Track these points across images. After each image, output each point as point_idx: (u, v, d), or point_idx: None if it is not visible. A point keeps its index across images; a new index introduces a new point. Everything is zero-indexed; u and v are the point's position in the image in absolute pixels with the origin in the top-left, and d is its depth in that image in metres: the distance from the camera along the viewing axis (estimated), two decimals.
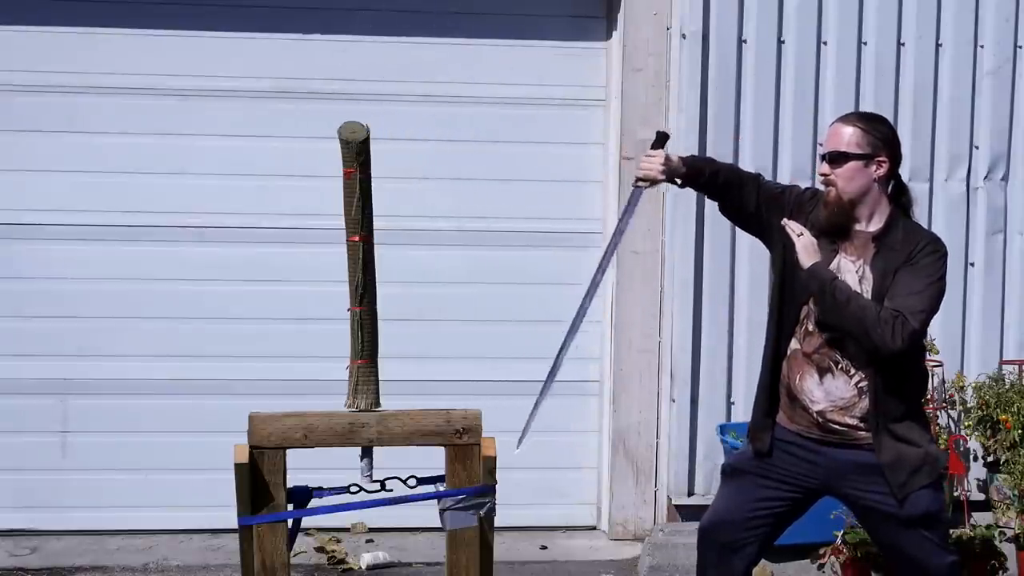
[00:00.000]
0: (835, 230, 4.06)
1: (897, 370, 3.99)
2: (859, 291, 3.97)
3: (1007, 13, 6.37)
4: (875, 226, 4.06)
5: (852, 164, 4.02)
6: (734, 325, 6.20)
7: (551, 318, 6.33)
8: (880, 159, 4.05)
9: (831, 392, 4.02)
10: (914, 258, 4.01)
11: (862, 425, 4.00)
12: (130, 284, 6.17)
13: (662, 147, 4.21)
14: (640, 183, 4.21)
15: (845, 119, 4.13)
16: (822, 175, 4.10)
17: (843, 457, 4.04)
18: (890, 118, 6.24)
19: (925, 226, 6.30)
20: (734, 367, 6.19)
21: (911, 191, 4.23)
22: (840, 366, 4.02)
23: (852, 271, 4.02)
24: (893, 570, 4.27)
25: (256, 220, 6.22)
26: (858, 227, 4.07)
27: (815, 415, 4.04)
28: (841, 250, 4.06)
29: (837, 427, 4.03)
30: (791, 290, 4.09)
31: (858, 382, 4.00)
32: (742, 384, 6.16)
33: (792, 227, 4.02)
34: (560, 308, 6.32)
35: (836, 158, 4.04)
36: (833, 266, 4.01)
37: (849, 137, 4.04)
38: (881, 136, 4.07)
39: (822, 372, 4.04)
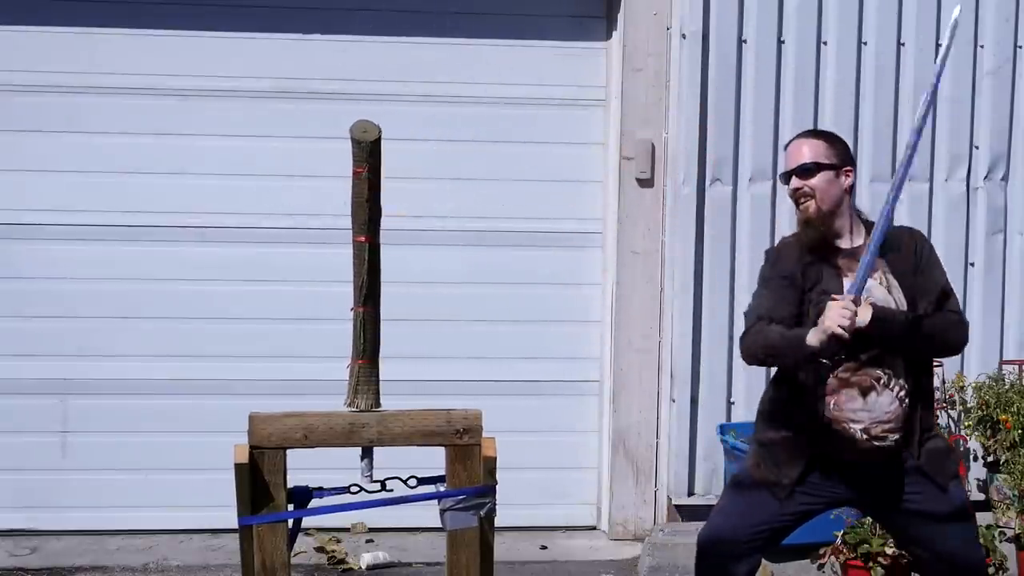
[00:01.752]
0: (816, 247, 4.05)
1: (927, 370, 4.08)
2: (891, 300, 3.97)
3: (1007, 13, 6.37)
4: (862, 236, 4.07)
5: (824, 174, 4.04)
6: (734, 325, 6.20)
7: (551, 318, 6.36)
8: (847, 169, 4.09)
9: (875, 409, 3.97)
10: (922, 257, 4.06)
11: (903, 434, 3.99)
12: (130, 284, 6.17)
13: None
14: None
15: (806, 136, 4.18)
16: (795, 190, 4.06)
17: (877, 472, 4.02)
18: (889, 118, 6.33)
19: (924, 227, 6.37)
20: (734, 367, 6.18)
21: None
22: (882, 381, 3.98)
23: (876, 285, 3.99)
24: (934, 572, 4.23)
25: (256, 220, 6.22)
26: (842, 243, 4.06)
27: (859, 435, 3.97)
28: (847, 271, 4.00)
29: (878, 443, 3.98)
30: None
31: (898, 392, 3.99)
32: (742, 384, 6.16)
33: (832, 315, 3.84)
34: (560, 308, 6.35)
35: (808, 169, 4.04)
36: (848, 289, 3.91)
37: (816, 149, 4.07)
38: (844, 148, 4.13)
39: (865, 391, 3.98)
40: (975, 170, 6.41)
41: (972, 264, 6.42)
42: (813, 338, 3.80)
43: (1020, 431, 5.99)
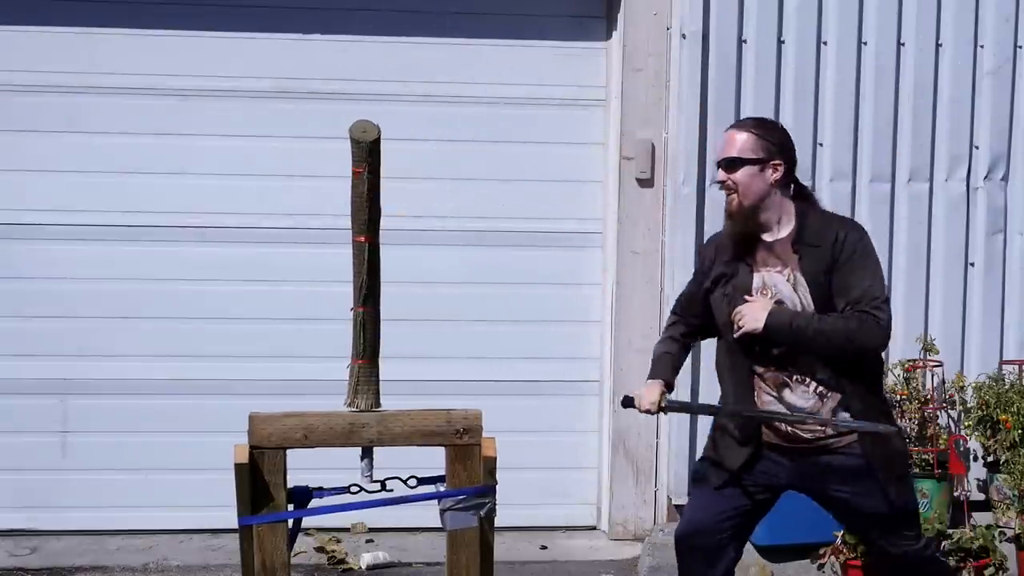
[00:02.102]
0: (744, 240, 4.09)
1: (861, 367, 4.03)
2: (796, 298, 3.99)
3: (1007, 13, 6.37)
4: (787, 230, 4.08)
5: (747, 169, 4.04)
6: None
7: (551, 318, 6.36)
8: (775, 163, 4.06)
9: (792, 405, 4.04)
10: (842, 253, 4.00)
11: (829, 431, 4.02)
12: (130, 284, 6.17)
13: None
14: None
15: (739, 126, 4.17)
16: (719, 181, 4.12)
17: (814, 460, 4.07)
18: (890, 118, 6.32)
19: (924, 227, 6.36)
20: None
21: (810, 189, 4.26)
22: (794, 378, 4.03)
23: (783, 281, 4.04)
24: (879, 570, 4.28)
25: (256, 220, 6.22)
26: (768, 237, 4.08)
27: (782, 427, 4.06)
28: (761, 266, 4.07)
29: (805, 435, 4.05)
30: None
31: (816, 388, 4.02)
32: None
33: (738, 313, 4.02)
34: (560, 308, 6.35)
35: (731, 164, 4.06)
36: (757, 284, 4.04)
37: (743, 143, 4.06)
38: (775, 141, 4.09)
39: (779, 387, 4.06)
40: (975, 170, 6.40)
41: (972, 264, 6.42)
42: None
43: (1020, 431, 5.99)
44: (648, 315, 6.20)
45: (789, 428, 4.04)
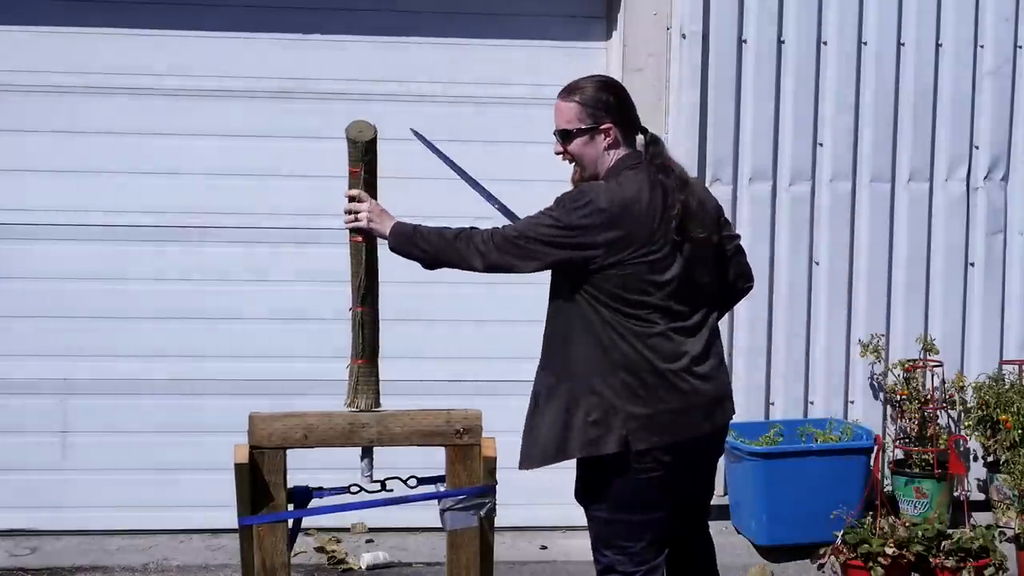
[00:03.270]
0: None
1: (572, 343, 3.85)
2: None
3: (1007, 13, 6.37)
4: None
5: (577, 140, 3.89)
6: (734, 324, 6.20)
7: None
8: (604, 127, 3.87)
9: None
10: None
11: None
12: (130, 284, 6.17)
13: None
14: None
15: (563, 93, 3.95)
16: (557, 153, 3.99)
17: None
18: (890, 118, 6.32)
19: (924, 227, 6.36)
20: (733, 366, 6.18)
21: (661, 142, 3.94)
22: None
23: None
24: None
25: (256, 220, 6.21)
26: None
27: None
28: None
29: None
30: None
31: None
32: (741, 384, 6.16)
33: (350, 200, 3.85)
34: None
35: (564, 137, 3.92)
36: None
37: (569, 114, 3.90)
38: (602, 104, 3.87)
39: None
40: (975, 170, 6.41)
41: (972, 264, 6.42)
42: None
43: (1020, 431, 5.99)
44: None
45: None
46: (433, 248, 3.87)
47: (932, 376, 6.24)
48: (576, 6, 6.33)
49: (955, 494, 6.09)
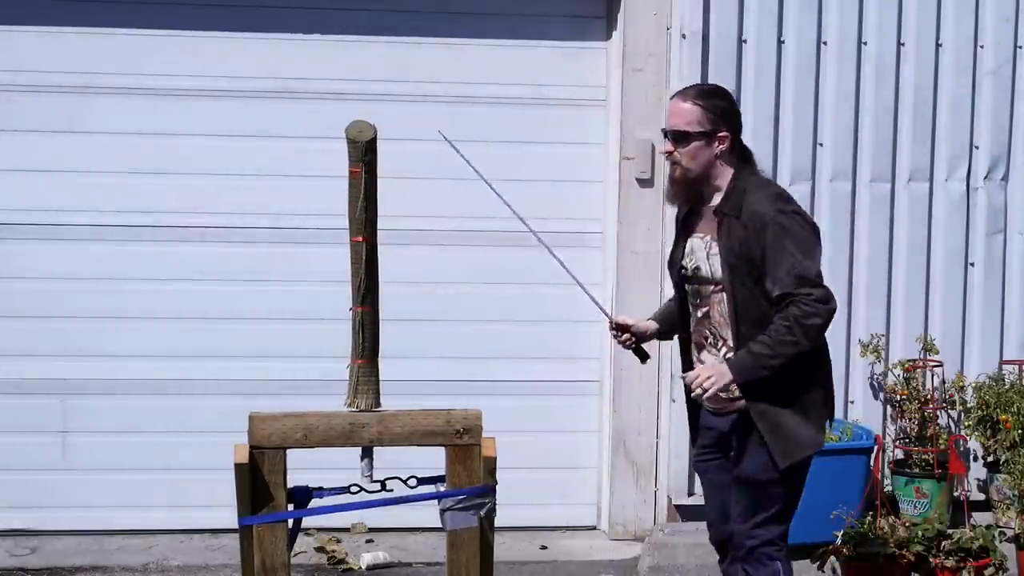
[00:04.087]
0: (683, 208, 4.18)
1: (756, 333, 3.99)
2: (708, 266, 4.05)
3: (1007, 13, 6.37)
4: (719, 197, 4.08)
5: (695, 143, 4.02)
6: None
7: (551, 318, 6.36)
8: (721, 134, 4.03)
9: (705, 365, 4.11)
10: (756, 231, 3.94)
11: (733, 394, 4.06)
12: (130, 284, 6.17)
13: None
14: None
15: (684, 95, 4.11)
16: (666, 153, 4.10)
17: (726, 419, 4.18)
18: (890, 118, 6.32)
19: (924, 227, 6.36)
20: None
21: (753, 153, 4.20)
22: (708, 340, 4.12)
23: (702, 248, 4.09)
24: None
25: (256, 220, 6.22)
26: (705, 205, 4.12)
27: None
28: (693, 231, 4.14)
29: (719, 397, 4.10)
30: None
31: (725, 353, 4.07)
32: None
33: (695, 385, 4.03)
34: (560, 308, 6.34)
35: (678, 138, 4.03)
36: (688, 250, 4.12)
37: (689, 116, 4.02)
38: (721, 112, 4.04)
39: (699, 348, 4.17)
40: (975, 170, 6.41)
41: (972, 264, 6.42)
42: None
43: (1020, 431, 5.99)
44: (648, 315, 6.18)
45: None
46: (775, 353, 3.91)
47: (932, 376, 6.24)
48: (576, 6, 6.33)
49: (955, 494, 6.09)
